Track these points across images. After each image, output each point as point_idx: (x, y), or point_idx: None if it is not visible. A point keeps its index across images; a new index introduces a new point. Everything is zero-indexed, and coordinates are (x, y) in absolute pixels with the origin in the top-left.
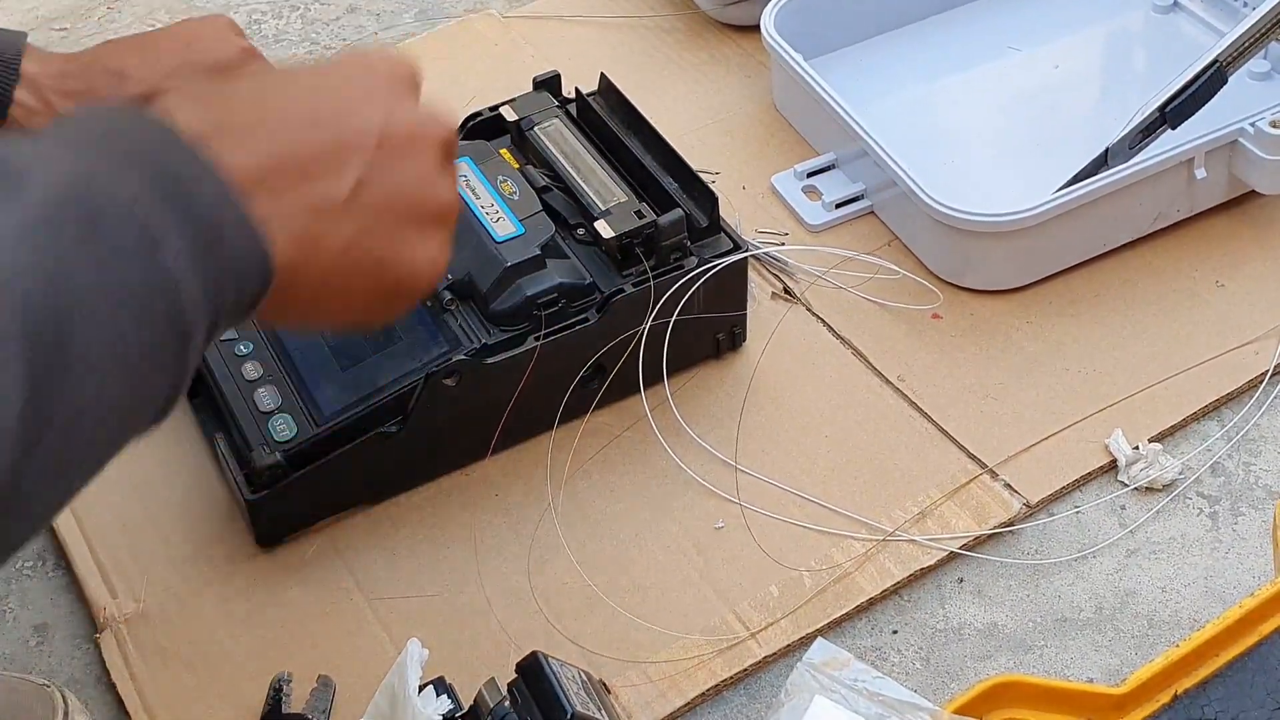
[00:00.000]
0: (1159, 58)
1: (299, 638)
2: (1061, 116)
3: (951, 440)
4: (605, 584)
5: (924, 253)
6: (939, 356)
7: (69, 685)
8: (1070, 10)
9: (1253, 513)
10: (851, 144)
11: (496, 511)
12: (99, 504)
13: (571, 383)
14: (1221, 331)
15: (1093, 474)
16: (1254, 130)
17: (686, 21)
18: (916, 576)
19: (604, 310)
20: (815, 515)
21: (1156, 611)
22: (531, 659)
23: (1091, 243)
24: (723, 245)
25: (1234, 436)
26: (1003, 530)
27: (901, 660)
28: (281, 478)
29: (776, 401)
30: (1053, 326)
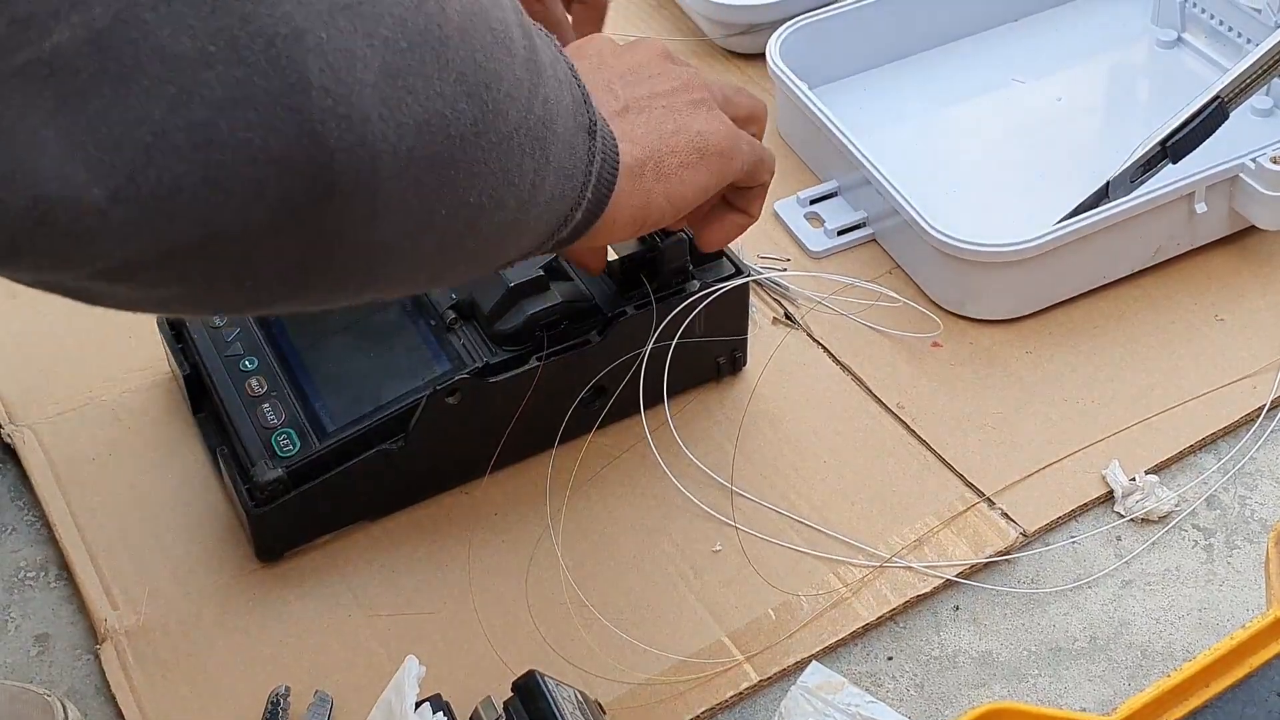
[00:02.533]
0: (1162, 91)
1: (298, 652)
2: (1064, 148)
3: (949, 468)
4: (602, 604)
5: (925, 281)
6: (938, 385)
7: (69, 696)
8: (1074, 43)
9: (1248, 546)
10: (854, 172)
11: (495, 530)
12: (102, 516)
13: (572, 403)
14: (1219, 365)
15: (1089, 504)
16: (1255, 166)
17: (692, 48)
18: (912, 603)
19: (606, 332)
20: (812, 540)
21: (1150, 642)
22: (528, 678)
23: (1092, 274)
24: (725, 270)
25: (1230, 470)
26: (999, 559)
27: (896, 687)
28: (283, 493)
29: (776, 426)
30: (1052, 357)
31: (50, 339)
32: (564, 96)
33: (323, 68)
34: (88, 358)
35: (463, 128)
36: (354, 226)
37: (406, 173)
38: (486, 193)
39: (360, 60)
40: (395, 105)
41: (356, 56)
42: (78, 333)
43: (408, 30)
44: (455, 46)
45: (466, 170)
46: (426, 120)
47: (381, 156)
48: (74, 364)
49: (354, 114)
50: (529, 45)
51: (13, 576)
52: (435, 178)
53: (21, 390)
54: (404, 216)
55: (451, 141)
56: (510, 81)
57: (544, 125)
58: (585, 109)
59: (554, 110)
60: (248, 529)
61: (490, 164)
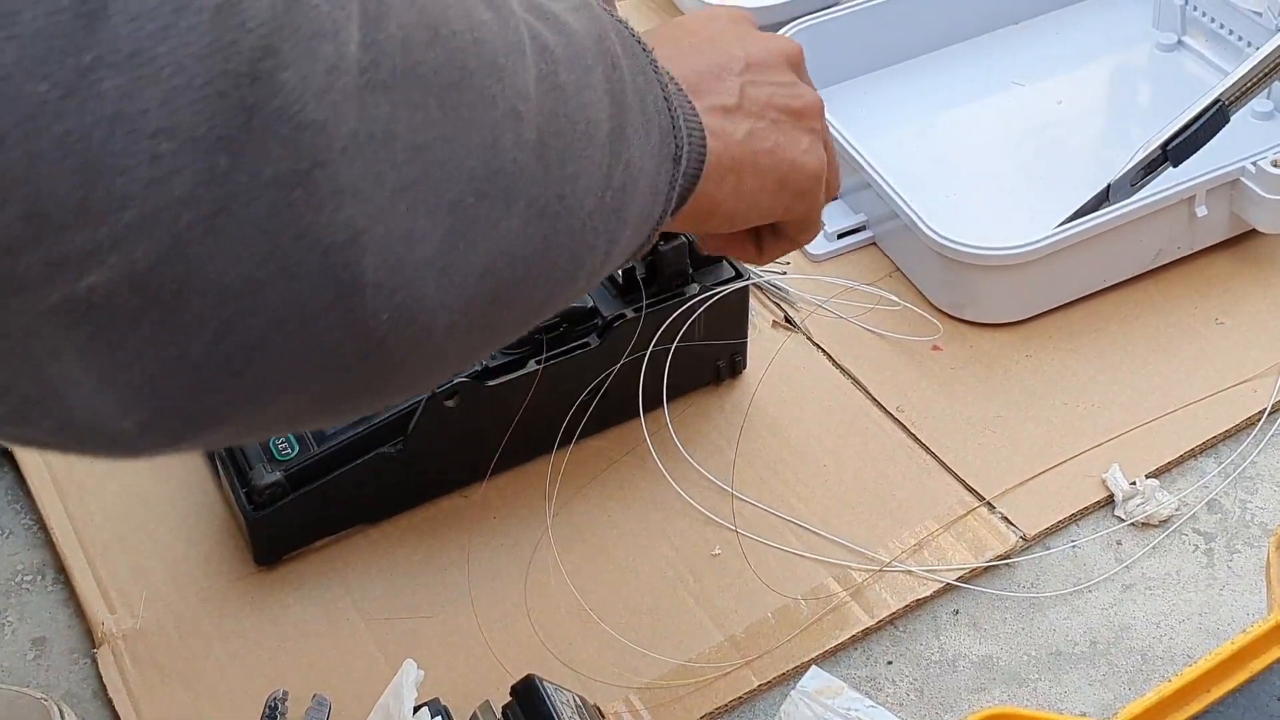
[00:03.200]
0: (1162, 95)
1: (295, 656)
2: (1064, 151)
3: (949, 471)
4: (601, 608)
5: (925, 284)
6: (938, 388)
7: (66, 699)
8: (1075, 46)
9: (1248, 550)
10: (854, 175)
11: (494, 534)
12: (99, 519)
13: (571, 406)
14: (1220, 369)
15: (1089, 508)
16: (1255, 169)
17: None
18: (912, 607)
19: (605, 335)
20: (812, 544)
21: (1151, 647)
22: (526, 682)
23: (1092, 278)
24: (724, 273)
25: (1231, 473)
26: (999, 563)
27: (896, 691)
28: (282, 496)
29: (775, 429)
30: (1052, 360)
31: None
32: (651, 138)
33: (378, 265)
34: None
35: (530, 249)
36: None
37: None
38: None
39: (420, 239)
40: (456, 269)
41: (415, 238)
42: None
43: (477, 182)
44: (532, 172)
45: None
46: (490, 265)
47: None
48: None
49: (409, 299)
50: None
51: (10, 580)
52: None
53: None
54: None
55: (515, 268)
56: (590, 174)
57: (623, 193)
58: (673, 136)
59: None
60: (246, 532)
61: (560, 263)
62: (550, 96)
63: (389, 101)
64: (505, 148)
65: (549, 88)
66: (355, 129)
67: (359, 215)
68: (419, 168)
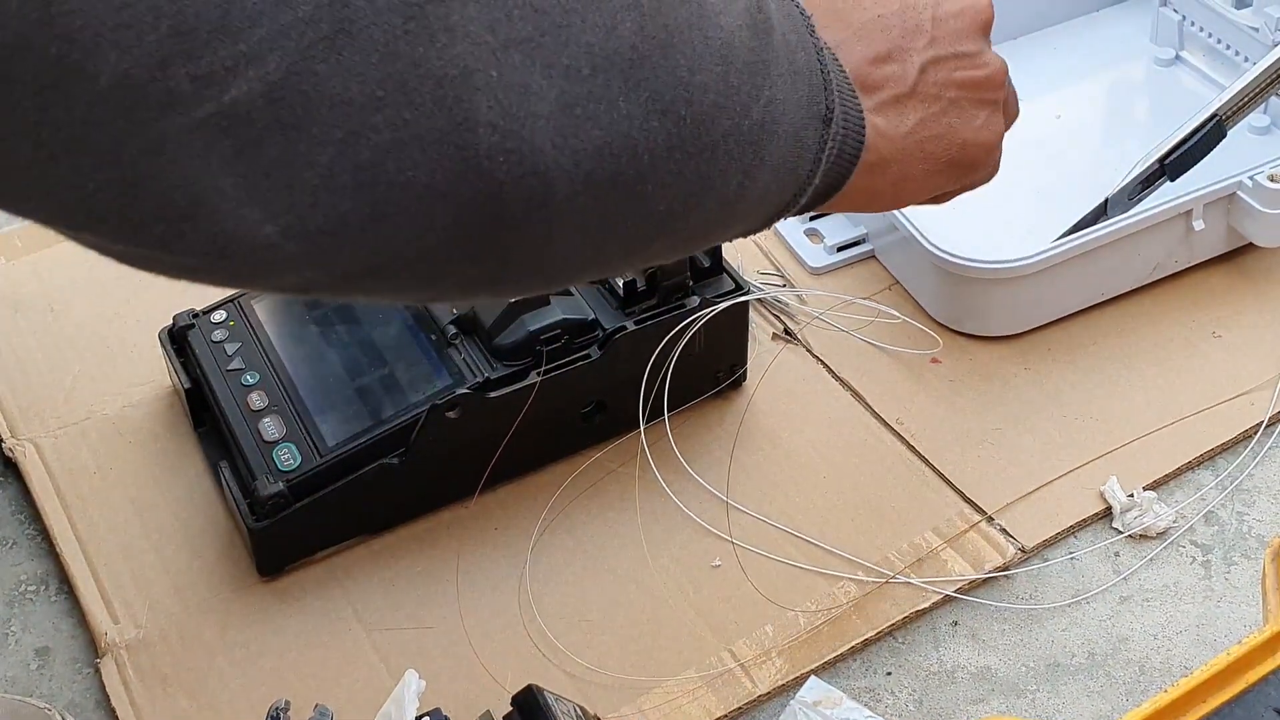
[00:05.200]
0: (1160, 109)
1: (297, 666)
2: (1062, 166)
3: (948, 484)
4: (601, 619)
5: (924, 297)
6: (937, 401)
7: (69, 709)
8: (1072, 61)
9: (1245, 562)
10: None
11: (495, 545)
12: (103, 530)
13: (572, 418)
14: (1217, 382)
15: (1088, 520)
16: (1252, 184)
17: None
18: (911, 619)
19: (606, 347)
20: (811, 555)
21: (1148, 658)
22: (527, 693)
23: (1090, 291)
24: (725, 285)
25: (1228, 486)
26: (998, 574)
27: (895, 702)
28: (284, 507)
29: (775, 441)
30: (1050, 373)
31: (52, 353)
32: (799, 89)
33: (491, 104)
34: (89, 372)
35: (653, 144)
36: (529, 247)
37: (584, 195)
38: (680, 201)
39: (535, 94)
40: (573, 133)
41: (531, 91)
42: (80, 347)
43: (594, 56)
44: (653, 64)
45: (656, 184)
46: (608, 143)
47: (556, 184)
48: (76, 378)
49: (524, 147)
50: (760, 44)
51: (14, 590)
52: (618, 195)
53: (23, 404)
54: (582, 235)
55: (638, 159)
56: (721, 91)
57: (761, 128)
58: (824, 97)
59: (779, 109)
60: (248, 543)
61: (686, 175)
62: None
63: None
64: (625, 33)
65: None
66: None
67: (470, 55)
68: (533, 25)
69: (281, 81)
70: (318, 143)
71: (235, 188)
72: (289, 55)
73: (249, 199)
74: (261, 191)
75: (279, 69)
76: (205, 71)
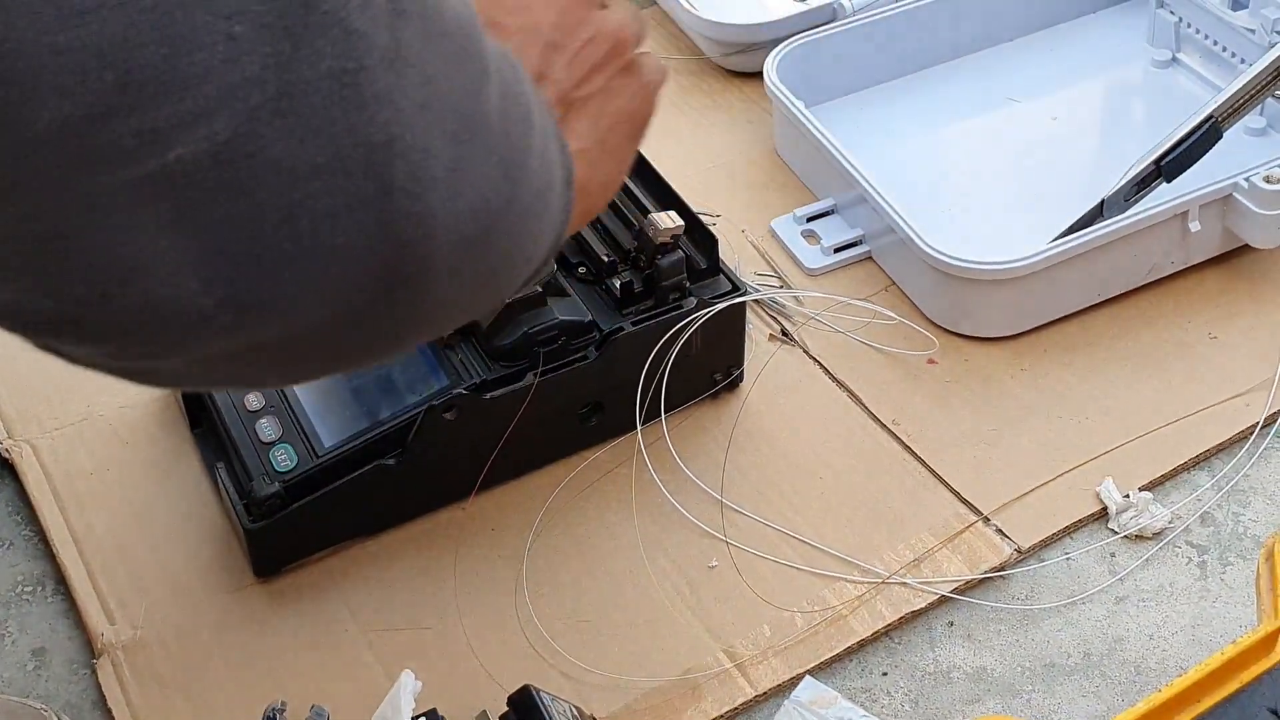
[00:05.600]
0: (1157, 111)
1: (293, 667)
2: (1059, 167)
3: (944, 484)
4: (597, 619)
5: (920, 299)
6: (934, 402)
7: (66, 710)
8: (1069, 63)
9: (1240, 563)
10: (850, 190)
11: (492, 545)
12: (99, 531)
13: (569, 419)
14: (1213, 383)
15: (1083, 521)
16: (1248, 185)
17: (691, 67)
18: (907, 619)
19: (603, 348)
20: (808, 556)
21: (1144, 659)
22: (523, 692)
23: (1086, 292)
24: (722, 287)
25: (1224, 486)
26: (994, 575)
27: (891, 702)
28: (281, 508)
29: (772, 442)
30: (1047, 374)
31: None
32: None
33: (405, 169)
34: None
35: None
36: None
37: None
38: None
39: (434, 157)
40: (455, 194)
41: (431, 154)
42: None
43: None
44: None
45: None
46: (474, 206)
47: (441, 248)
48: (73, 379)
49: (424, 209)
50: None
51: (10, 591)
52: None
53: (20, 406)
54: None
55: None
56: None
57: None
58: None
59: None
60: (245, 544)
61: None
62: (504, 73)
63: (409, 29)
64: (482, 100)
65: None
66: (387, 43)
67: (393, 122)
68: (429, 92)
69: (228, 143)
70: (262, 209)
71: (173, 252)
72: (237, 116)
73: (188, 266)
74: (202, 259)
75: (226, 129)
76: (150, 127)
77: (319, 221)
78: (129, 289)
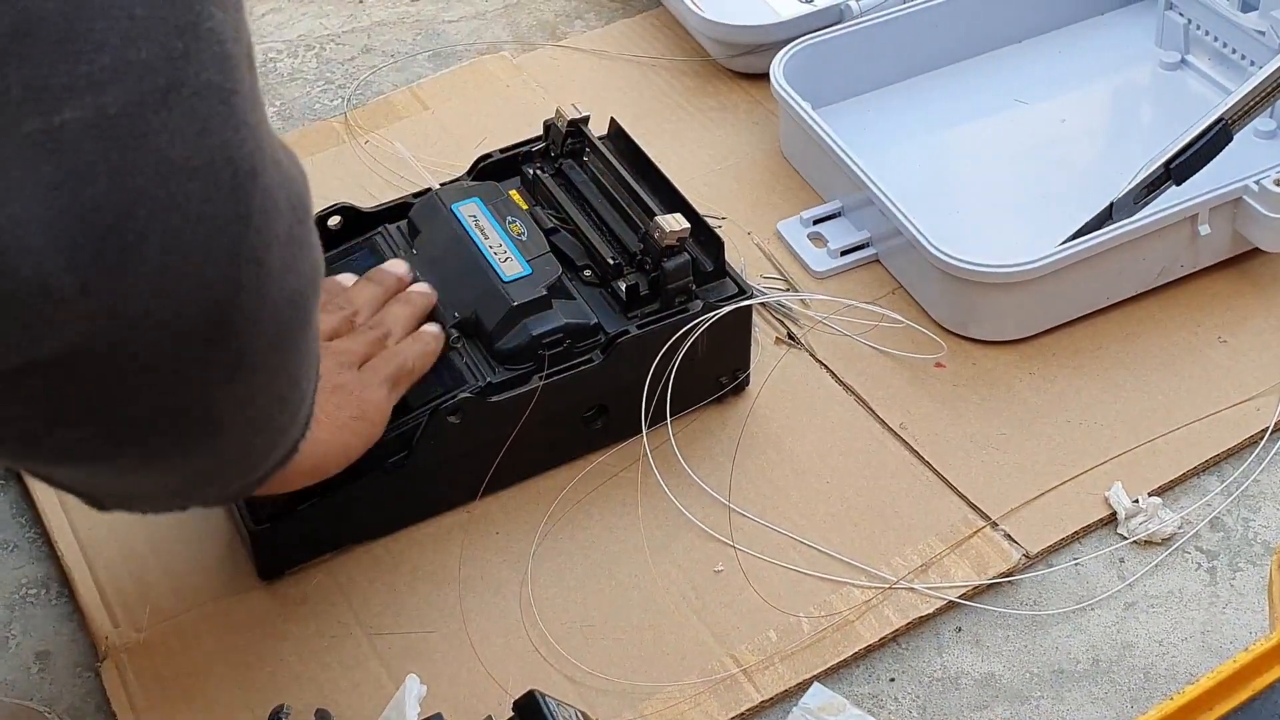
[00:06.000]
0: (1166, 114)
1: (298, 670)
2: (1068, 170)
3: (952, 489)
4: (603, 624)
5: (928, 302)
6: (941, 405)
7: (69, 713)
8: (1078, 65)
9: (1250, 568)
10: (857, 192)
11: (497, 549)
12: (103, 533)
13: (574, 422)
14: (1223, 387)
15: (1092, 526)
16: (1259, 188)
17: (698, 69)
18: (915, 625)
19: (608, 351)
20: (815, 561)
21: (1153, 665)
22: (528, 698)
23: (1095, 296)
24: (728, 290)
25: (1234, 492)
26: (1002, 580)
27: (898, 708)
28: (286, 510)
29: (778, 446)
30: (1055, 378)
31: None
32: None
33: (260, 209)
34: None
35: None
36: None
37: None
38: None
39: (281, 216)
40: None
41: (280, 210)
42: None
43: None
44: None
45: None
46: (289, 298)
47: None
48: None
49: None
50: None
51: (14, 593)
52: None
53: None
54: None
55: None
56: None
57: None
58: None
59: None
60: (249, 547)
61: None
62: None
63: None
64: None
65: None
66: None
67: (256, 155)
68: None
69: (116, 119)
70: (139, 195)
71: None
72: (129, 94)
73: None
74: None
75: (116, 104)
76: (41, 83)
77: (187, 223)
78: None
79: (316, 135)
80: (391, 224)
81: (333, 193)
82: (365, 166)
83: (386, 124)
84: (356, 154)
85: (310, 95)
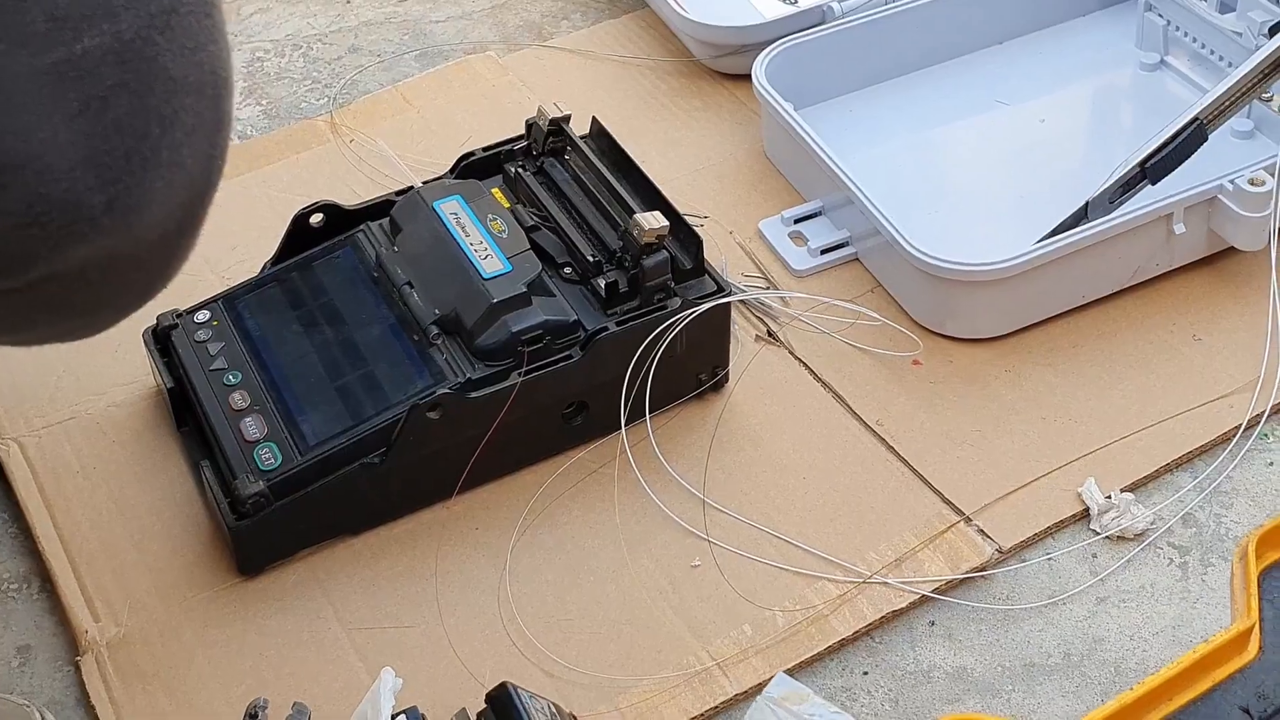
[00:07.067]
0: (1144, 114)
1: (276, 665)
2: (1046, 170)
3: (928, 485)
4: (579, 617)
5: (906, 300)
6: (918, 402)
7: (49, 707)
8: (1057, 66)
9: (1222, 564)
10: (837, 192)
11: (475, 544)
12: (85, 529)
13: (553, 419)
14: (1197, 384)
15: (1065, 522)
16: (1233, 187)
17: (682, 69)
18: (888, 619)
19: (588, 348)
20: (790, 556)
21: (1124, 659)
22: (501, 690)
23: (1071, 294)
24: (707, 287)
25: (1206, 488)
26: (975, 575)
27: (871, 701)
28: (265, 506)
29: (756, 442)
30: (1031, 375)
31: (35, 353)
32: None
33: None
34: (72, 372)
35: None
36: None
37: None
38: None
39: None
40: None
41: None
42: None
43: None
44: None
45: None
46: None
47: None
48: (59, 378)
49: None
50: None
51: None
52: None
53: (8, 404)
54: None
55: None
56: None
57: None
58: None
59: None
60: (229, 542)
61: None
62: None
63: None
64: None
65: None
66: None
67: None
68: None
69: (130, 43)
70: (150, 115)
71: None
72: (139, 18)
73: (87, 163)
74: (100, 155)
75: (130, 29)
76: (62, 14)
77: (185, 135)
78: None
79: (302, 134)
80: (374, 222)
81: (318, 191)
82: (350, 165)
83: (372, 123)
84: (342, 153)
85: (297, 94)
